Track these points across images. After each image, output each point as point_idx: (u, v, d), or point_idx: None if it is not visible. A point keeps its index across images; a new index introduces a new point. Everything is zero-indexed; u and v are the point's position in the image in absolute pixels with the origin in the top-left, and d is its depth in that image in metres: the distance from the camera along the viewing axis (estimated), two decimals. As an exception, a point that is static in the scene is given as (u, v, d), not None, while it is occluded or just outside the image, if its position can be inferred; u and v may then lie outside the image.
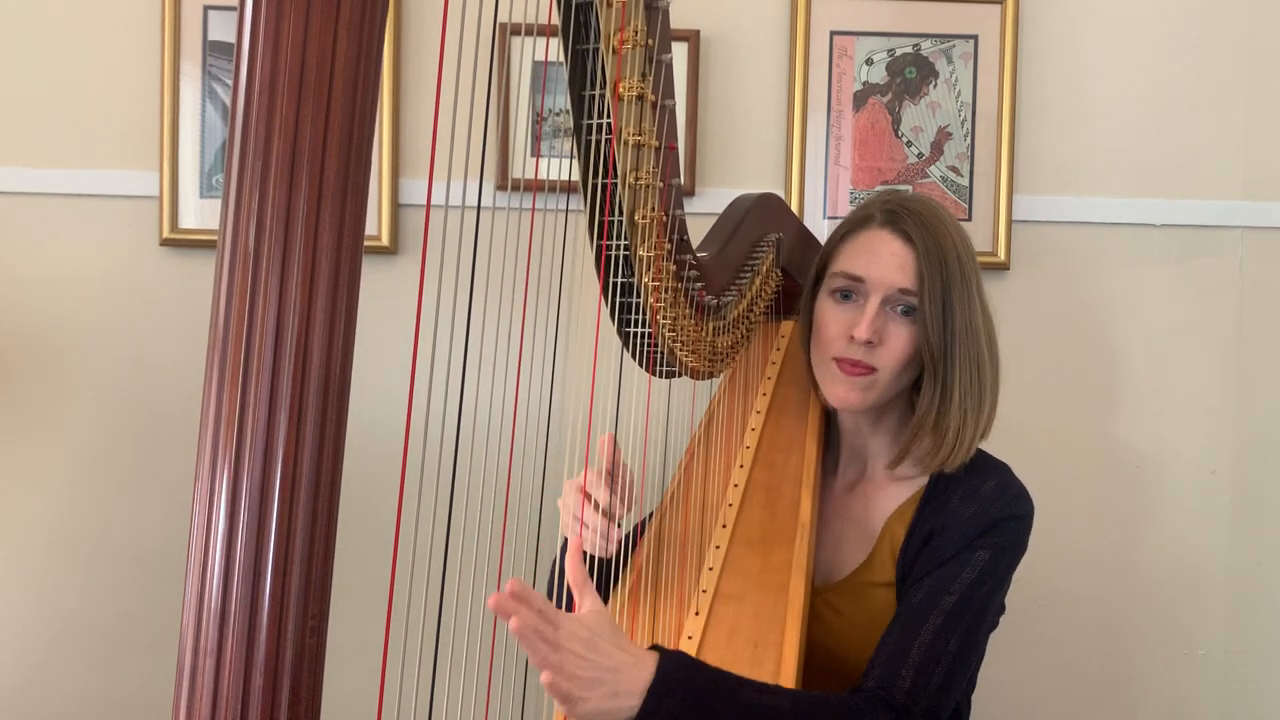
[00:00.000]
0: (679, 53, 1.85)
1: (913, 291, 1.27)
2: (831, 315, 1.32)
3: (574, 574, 1.04)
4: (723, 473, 1.39)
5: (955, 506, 1.27)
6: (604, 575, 1.26)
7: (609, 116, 1.06)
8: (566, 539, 1.25)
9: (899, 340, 1.28)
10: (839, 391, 1.31)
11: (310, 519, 0.60)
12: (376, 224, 1.85)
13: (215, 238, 1.92)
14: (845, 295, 1.31)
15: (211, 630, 0.59)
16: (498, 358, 1.00)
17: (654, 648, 1.03)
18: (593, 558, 1.24)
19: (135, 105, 1.86)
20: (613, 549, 1.23)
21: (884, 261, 1.28)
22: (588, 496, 1.22)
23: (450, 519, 0.85)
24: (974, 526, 1.25)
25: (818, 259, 1.39)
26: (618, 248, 1.14)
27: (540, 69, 1.84)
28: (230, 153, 0.59)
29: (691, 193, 1.87)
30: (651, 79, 1.08)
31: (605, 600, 1.26)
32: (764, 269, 1.46)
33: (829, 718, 1.09)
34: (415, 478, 0.75)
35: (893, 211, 1.30)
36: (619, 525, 1.23)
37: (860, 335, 1.27)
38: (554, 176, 1.82)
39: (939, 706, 1.16)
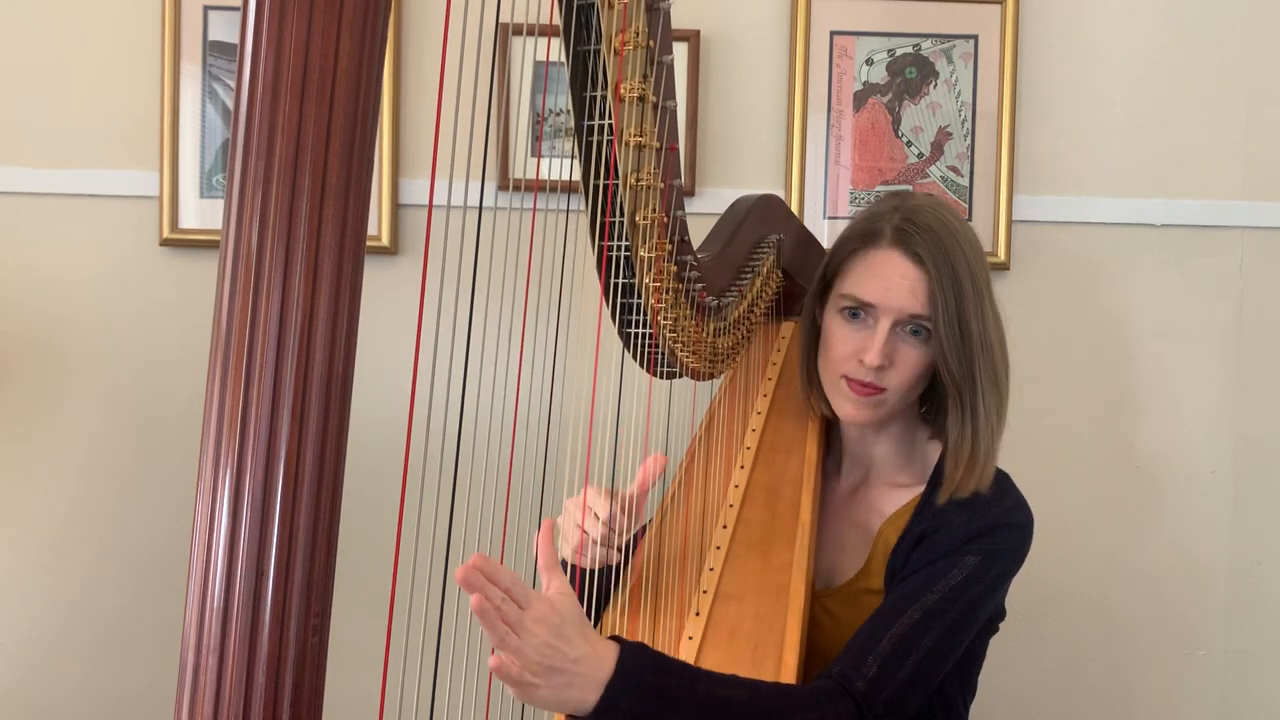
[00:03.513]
0: (679, 53, 1.86)
1: (924, 316, 1.25)
2: (842, 334, 1.29)
3: (544, 556, 1.03)
4: (723, 473, 1.39)
5: (950, 511, 1.26)
6: (605, 576, 1.26)
7: (610, 118, 1.06)
8: (564, 560, 1.25)
9: (909, 361, 1.27)
10: (848, 409, 1.30)
11: (312, 518, 0.60)
12: (377, 224, 1.85)
13: (216, 238, 1.92)
14: (854, 314, 1.29)
15: (214, 628, 0.59)
16: (499, 358, 1.00)
17: (614, 638, 1.02)
18: (594, 569, 1.24)
19: (135, 105, 1.86)
20: (614, 556, 1.23)
21: (894, 287, 1.25)
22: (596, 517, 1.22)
23: (452, 518, 0.85)
24: (966, 531, 1.24)
25: (823, 266, 1.36)
26: (619, 248, 1.14)
27: (541, 69, 1.84)
28: (233, 152, 0.59)
29: (692, 193, 1.87)
30: (652, 80, 1.08)
31: (606, 602, 1.26)
32: (764, 270, 1.46)
33: (783, 708, 1.09)
34: (417, 477, 0.75)
35: (903, 230, 1.26)
36: (620, 537, 1.23)
37: (871, 361, 1.25)
38: (555, 177, 1.82)
39: (903, 700, 1.15)
